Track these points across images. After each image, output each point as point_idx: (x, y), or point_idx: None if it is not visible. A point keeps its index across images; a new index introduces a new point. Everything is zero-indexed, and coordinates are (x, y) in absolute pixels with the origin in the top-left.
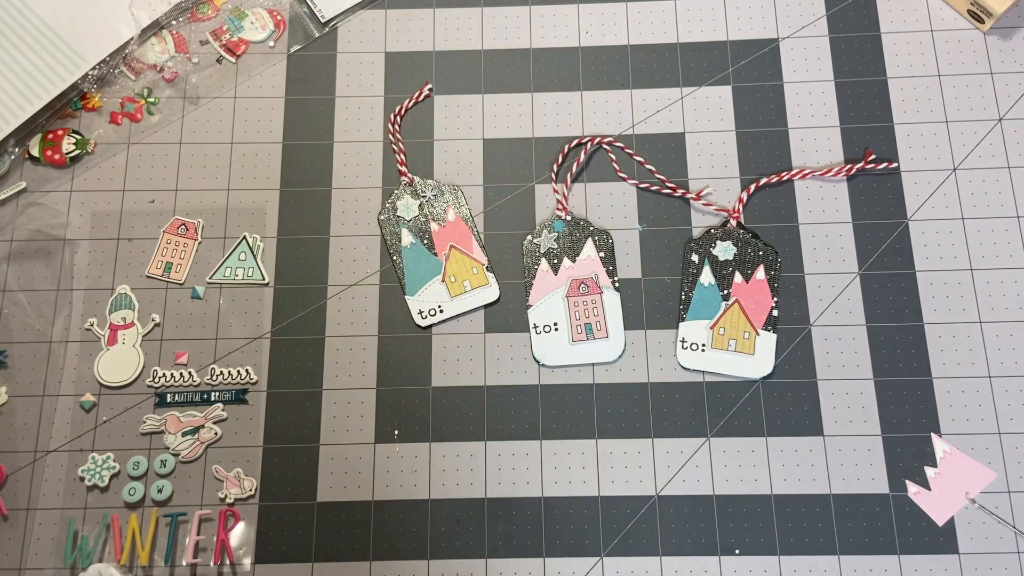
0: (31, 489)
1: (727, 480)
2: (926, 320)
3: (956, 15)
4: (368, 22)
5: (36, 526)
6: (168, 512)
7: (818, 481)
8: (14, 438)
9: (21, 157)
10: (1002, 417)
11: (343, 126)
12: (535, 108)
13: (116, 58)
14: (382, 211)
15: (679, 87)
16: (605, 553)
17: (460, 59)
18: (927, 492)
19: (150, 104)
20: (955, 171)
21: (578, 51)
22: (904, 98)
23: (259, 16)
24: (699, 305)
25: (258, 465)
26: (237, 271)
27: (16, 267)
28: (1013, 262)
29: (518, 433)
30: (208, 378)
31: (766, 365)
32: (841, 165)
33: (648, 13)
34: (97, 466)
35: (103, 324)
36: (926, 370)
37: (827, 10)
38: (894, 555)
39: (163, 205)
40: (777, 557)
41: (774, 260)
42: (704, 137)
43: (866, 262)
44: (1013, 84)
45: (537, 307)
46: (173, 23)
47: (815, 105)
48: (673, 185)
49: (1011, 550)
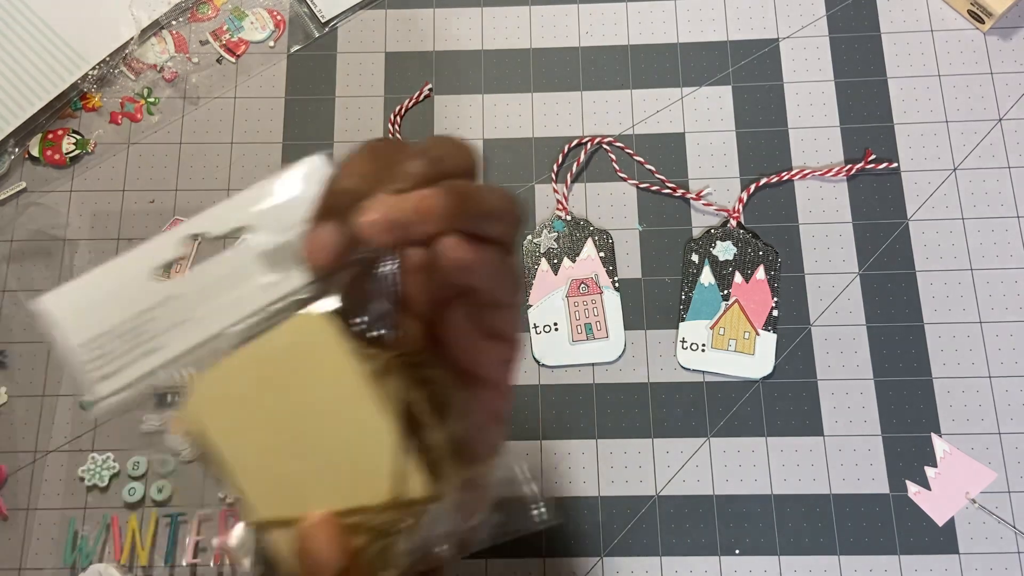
0: (31, 489)
1: (727, 480)
2: (926, 320)
3: (956, 15)
4: (368, 22)
5: (36, 526)
6: (168, 512)
7: (818, 481)
8: (14, 438)
9: (21, 157)
10: (1002, 417)
11: (343, 126)
12: (535, 108)
13: (116, 58)
14: None
15: (679, 87)
16: (605, 553)
17: (460, 59)
18: (927, 492)
19: (150, 104)
20: (955, 171)
21: (578, 51)
22: (904, 98)
23: (259, 16)
24: (699, 305)
25: None
26: None
27: (16, 267)
28: (1013, 262)
29: (518, 433)
30: None
31: (766, 365)
32: (841, 165)
33: (648, 13)
34: (97, 466)
35: None
36: (926, 370)
37: (827, 10)
38: (894, 555)
39: (163, 205)
40: (777, 557)
41: (774, 260)
42: (704, 137)
43: (866, 262)
44: (1013, 84)
45: (537, 307)
46: (173, 23)
47: (815, 105)
48: (673, 185)
49: (1011, 550)
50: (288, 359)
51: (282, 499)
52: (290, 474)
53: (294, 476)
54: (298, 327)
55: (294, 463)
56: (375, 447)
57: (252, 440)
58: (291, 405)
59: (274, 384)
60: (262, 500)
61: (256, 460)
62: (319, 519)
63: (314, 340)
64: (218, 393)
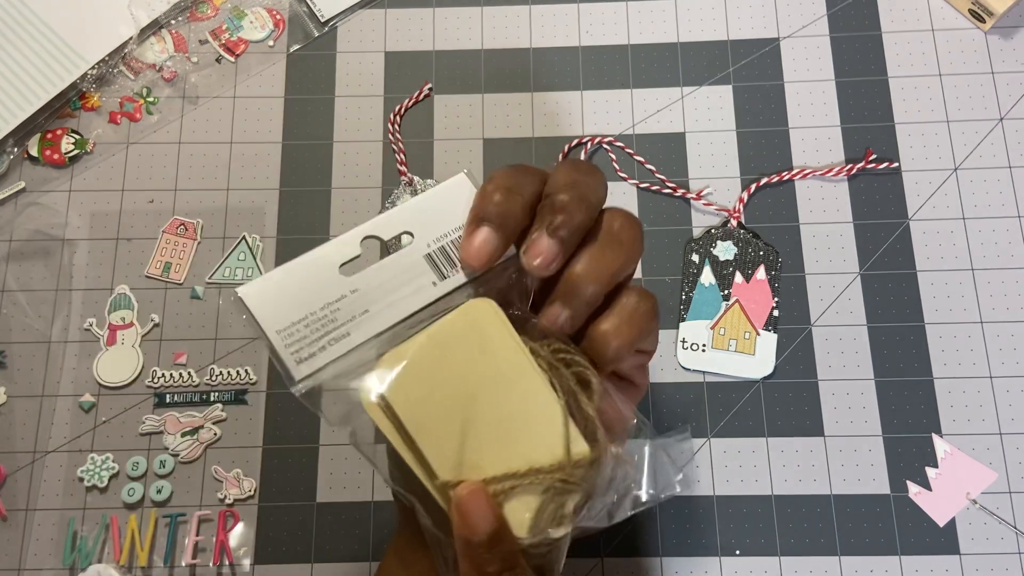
0: (30, 490)
1: (728, 480)
2: (927, 320)
3: (957, 14)
4: (368, 21)
5: (35, 527)
6: (167, 513)
7: (819, 482)
8: (13, 438)
9: (20, 157)
10: (1003, 417)
11: (343, 126)
12: (535, 108)
13: (115, 57)
14: (382, 211)
15: (679, 87)
16: (605, 553)
17: (460, 59)
18: (928, 493)
19: (149, 104)
20: (956, 171)
21: (578, 51)
22: (905, 97)
23: (258, 15)
24: (699, 305)
25: (258, 466)
26: (237, 271)
27: (15, 267)
28: (1015, 262)
29: None
30: (207, 378)
31: (767, 365)
32: (842, 165)
33: (648, 12)
34: (96, 467)
35: (102, 324)
36: (927, 370)
37: (828, 9)
38: (895, 556)
39: (162, 205)
40: (778, 558)
41: (775, 260)
42: (704, 137)
43: (867, 262)
44: (1014, 84)
45: None
46: (172, 22)
47: (816, 105)
48: (673, 185)
49: (1012, 551)
50: (462, 339)
51: (462, 463)
52: (469, 440)
53: (472, 442)
54: (469, 312)
55: (472, 430)
56: (544, 415)
57: (434, 410)
58: (467, 379)
59: (451, 361)
60: (444, 465)
61: (437, 428)
62: (470, 488)
63: (484, 323)
64: (403, 371)
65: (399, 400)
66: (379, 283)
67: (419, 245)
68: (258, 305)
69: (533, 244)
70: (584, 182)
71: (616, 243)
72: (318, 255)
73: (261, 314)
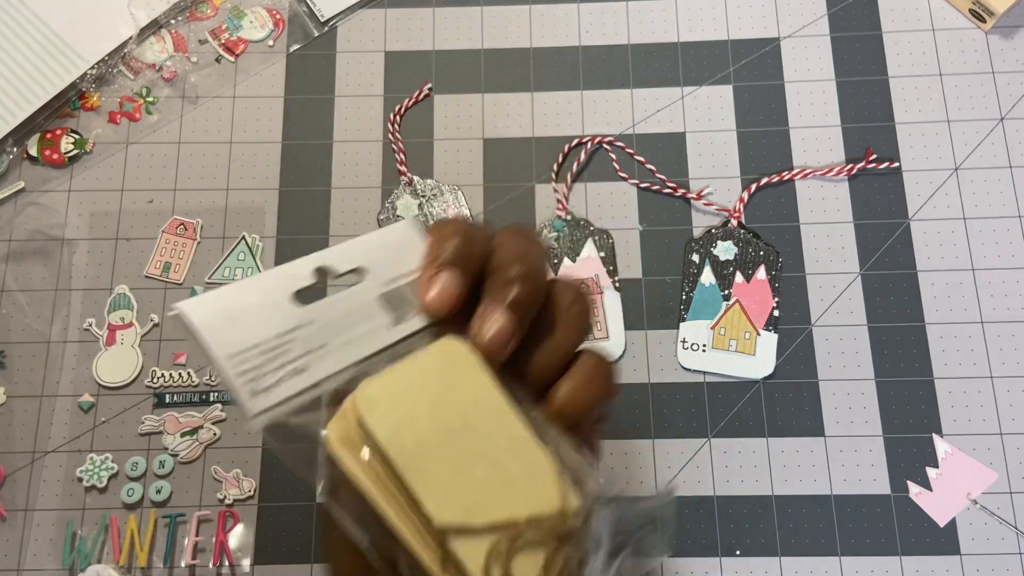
0: (29, 490)
1: (728, 481)
2: (928, 320)
3: (958, 14)
4: (368, 21)
5: (34, 527)
6: (167, 513)
7: (819, 482)
8: (12, 439)
9: (19, 157)
10: (1004, 418)
11: (342, 125)
12: (535, 108)
13: (115, 57)
14: (381, 211)
15: (680, 86)
16: None
17: (460, 59)
18: (928, 493)
19: (149, 103)
20: (957, 171)
21: (578, 51)
22: (905, 97)
23: (258, 15)
24: (700, 305)
25: (257, 466)
26: (236, 271)
27: (14, 267)
28: (1015, 262)
29: None
30: (207, 378)
31: (767, 365)
32: (842, 165)
33: (648, 12)
34: (95, 467)
35: (102, 324)
36: (927, 370)
37: (828, 9)
38: (895, 556)
39: (162, 205)
40: (778, 558)
41: (775, 260)
42: (705, 137)
43: (867, 262)
44: (1015, 83)
45: None
46: (172, 22)
47: (816, 104)
48: (674, 185)
49: (1012, 551)
50: (438, 379)
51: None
52: (460, 482)
53: (465, 485)
54: (444, 350)
55: (461, 472)
56: (530, 461)
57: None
58: (446, 420)
59: (428, 401)
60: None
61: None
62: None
63: (460, 363)
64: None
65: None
66: (334, 318)
67: (372, 285)
68: (205, 324)
69: (487, 318)
70: (534, 253)
71: (573, 323)
72: (267, 281)
73: (210, 335)
